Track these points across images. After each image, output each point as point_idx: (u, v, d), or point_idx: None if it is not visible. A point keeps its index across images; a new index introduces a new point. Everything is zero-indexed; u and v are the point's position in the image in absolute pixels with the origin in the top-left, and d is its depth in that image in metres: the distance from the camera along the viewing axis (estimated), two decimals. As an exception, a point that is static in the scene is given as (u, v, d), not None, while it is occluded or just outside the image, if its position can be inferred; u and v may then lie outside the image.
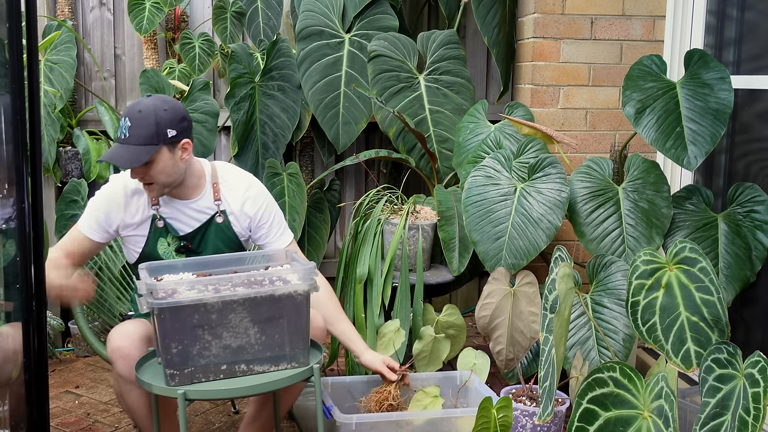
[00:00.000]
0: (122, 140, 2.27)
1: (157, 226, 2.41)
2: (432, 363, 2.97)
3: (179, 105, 2.35)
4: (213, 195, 2.44)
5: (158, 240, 2.41)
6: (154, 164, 2.29)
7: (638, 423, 1.99)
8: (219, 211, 2.43)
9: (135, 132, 2.26)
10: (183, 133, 2.32)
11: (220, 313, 2.07)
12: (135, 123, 2.26)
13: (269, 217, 2.50)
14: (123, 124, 2.27)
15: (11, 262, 1.91)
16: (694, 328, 2.24)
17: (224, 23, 3.89)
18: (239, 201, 2.46)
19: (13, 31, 1.81)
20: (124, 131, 2.27)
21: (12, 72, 1.82)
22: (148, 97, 2.32)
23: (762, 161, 3.00)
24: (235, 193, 2.47)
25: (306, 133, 3.91)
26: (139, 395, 2.28)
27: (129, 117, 2.27)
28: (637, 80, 2.95)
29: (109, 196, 2.42)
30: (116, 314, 2.82)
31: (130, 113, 2.27)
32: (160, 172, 2.30)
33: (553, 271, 2.29)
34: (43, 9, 3.85)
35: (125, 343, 2.25)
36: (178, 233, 2.42)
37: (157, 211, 2.41)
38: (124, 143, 2.27)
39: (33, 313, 1.93)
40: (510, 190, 3.03)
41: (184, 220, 2.43)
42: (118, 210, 2.41)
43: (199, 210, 2.43)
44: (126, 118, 2.27)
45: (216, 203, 2.44)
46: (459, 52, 3.70)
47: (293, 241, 2.57)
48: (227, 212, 2.45)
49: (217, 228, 2.43)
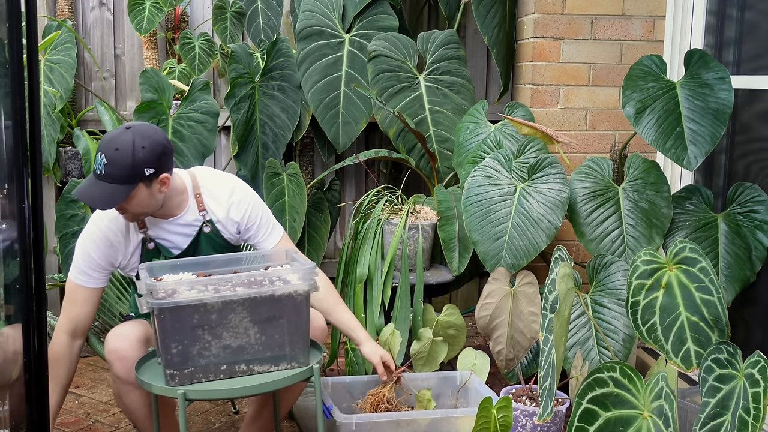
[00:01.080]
0: (97, 175, 2.19)
1: (148, 248, 2.37)
2: (429, 363, 2.97)
3: (158, 137, 2.24)
4: (197, 206, 2.39)
5: (152, 261, 2.36)
6: (129, 199, 2.21)
7: (638, 423, 1.99)
8: (205, 221, 2.39)
9: (110, 171, 2.16)
10: (161, 169, 2.22)
11: (220, 313, 2.07)
12: (111, 161, 2.16)
13: (256, 219, 2.45)
14: (99, 159, 2.18)
15: (11, 262, 1.91)
16: (694, 328, 2.24)
17: (224, 23, 3.89)
18: (224, 209, 2.41)
19: (13, 31, 1.81)
20: (99, 167, 2.18)
21: (12, 72, 1.82)
22: (126, 129, 2.20)
23: (762, 161, 3.00)
24: (218, 202, 2.41)
25: (306, 133, 3.91)
26: (137, 396, 2.28)
27: (105, 154, 2.17)
28: (637, 80, 2.95)
29: (103, 237, 2.34)
30: (116, 314, 2.82)
31: (106, 150, 2.17)
32: (136, 205, 2.24)
33: (553, 271, 2.29)
34: (43, 9, 3.85)
35: (123, 344, 2.24)
36: (172, 253, 2.38)
37: (146, 233, 2.36)
38: (99, 179, 2.19)
39: (33, 313, 1.93)
40: (510, 190, 3.03)
41: (172, 238, 2.39)
42: (118, 247, 2.35)
43: (185, 224, 2.38)
44: (102, 154, 2.17)
45: (201, 214, 2.39)
46: (459, 52, 3.71)
47: (285, 236, 2.52)
48: (213, 221, 2.40)
49: (206, 238, 2.40)
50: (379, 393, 2.56)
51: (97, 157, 2.19)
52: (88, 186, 2.21)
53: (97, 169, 2.19)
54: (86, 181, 2.23)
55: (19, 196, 1.87)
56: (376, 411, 2.54)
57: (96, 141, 3.84)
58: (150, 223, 2.37)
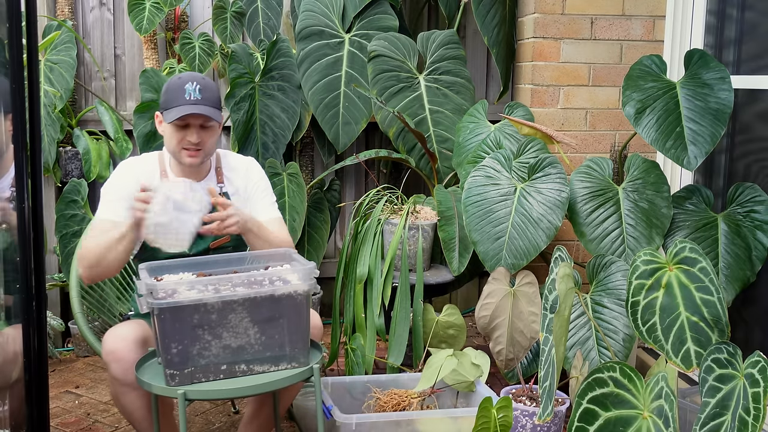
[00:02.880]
0: (195, 101, 2.30)
1: None
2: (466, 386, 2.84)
3: None
4: (216, 178, 2.50)
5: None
6: (213, 131, 2.37)
7: (638, 423, 1.99)
8: (222, 194, 2.45)
9: (206, 95, 2.32)
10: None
11: (220, 313, 2.07)
12: (204, 87, 2.32)
13: (265, 186, 2.55)
14: (191, 87, 2.30)
15: (11, 262, 1.91)
16: (694, 328, 2.24)
17: (224, 23, 3.89)
18: (242, 179, 2.52)
19: (13, 31, 1.81)
20: (195, 93, 2.30)
21: (12, 72, 1.82)
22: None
23: (762, 161, 3.00)
24: (237, 172, 2.53)
25: (306, 133, 3.92)
26: (135, 397, 2.27)
27: (196, 81, 2.31)
28: (637, 80, 2.95)
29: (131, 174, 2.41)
30: (116, 314, 2.82)
31: (195, 78, 2.32)
32: (213, 141, 2.39)
33: (553, 271, 2.29)
34: (43, 9, 3.85)
35: (119, 345, 2.24)
36: None
37: None
38: (198, 103, 2.30)
39: (33, 313, 1.93)
40: (510, 190, 3.03)
41: None
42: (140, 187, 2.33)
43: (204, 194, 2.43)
44: (193, 83, 2.31)
45: (219, 186, 2.48)
46: (459, 52, 3.71)
47: (281, 220, 2.56)
48: (229, 194, 2.48)
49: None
50: (405, 399, 2.56)
51: (188, 87, 2.30)
52: (189, 107, 2.29)
53: (191, 96, 2.30)
54: (180, 107, 2.30)
55: (19, 196, 1.88)
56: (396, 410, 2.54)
57: (96, 141, 3.84)
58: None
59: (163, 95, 2.40)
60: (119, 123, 3.85)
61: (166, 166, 2.48)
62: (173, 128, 2.36)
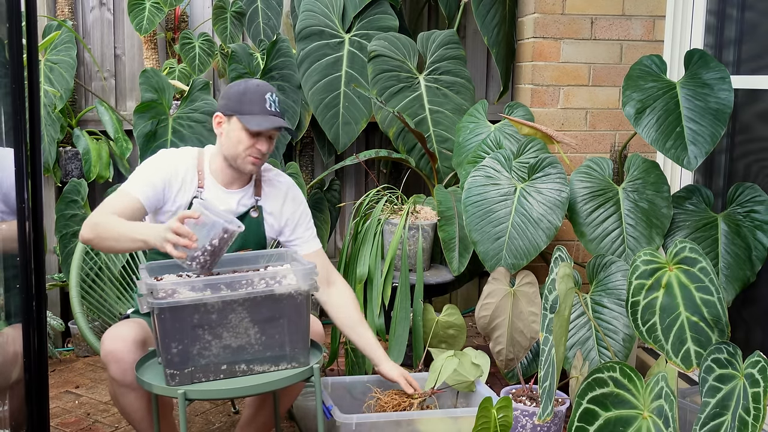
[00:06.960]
0: (276, 113, 2.37)
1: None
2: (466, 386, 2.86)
3: None
4: (254, 190, 2.47)
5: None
6: (274, 142, 2.41)
7: (638, 423, 1.99)
8: (255, 206, 2.45)
9: (280, 107, 2.45)
10: None
11: (220, 313, 2.07)
12: (279, 99, 2.41)
13: (307, 214, 2.56)
14: (271, 98, 2.36)
15: (11, 262, 1.91)
16: (694, 328, 2.24)
17: (224, 23, 3.90)
18: (280, 200, 2.50)
19: (13, 31, 1.81)
20: (275, 105, 2.37)
21: (12, 72, 1.82)
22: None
23: (762, 161, 3.00)
24: (277, 192, 2.50)
25: (306, 133, 3.92)
26: (134, 398, 2.27)
27: (273, 92, 2.38)
28: (637, 80, 2.95)
29: (170, 163, 2.38)
30: (116, 314, 2.82)
31: (270, 88, 2.37)
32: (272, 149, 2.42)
33: (553, 271, 2.29)
34: (43, 9, 3.85)
35: (118, 346, 2.22)
36: None
37: (200, 194, 2.38)
38: (278, 115, 2.37)
39: (33, 313, 1.93)
40: (510, 190, 3.03)
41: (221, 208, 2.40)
42: (176, 179, 2.36)
43: (238, 202, 2.43)
44: (272, 94, 2.37)
45: (255, 198, 2.46)
46: (459, 52, 3.71)
47: (321, 251, 2.58)
48: (263, 209, 2.47)
49: (248, 222, 2.42)
50: (406, 400, 2.56)
51: (268, 98, 2.35)
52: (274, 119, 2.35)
53: (273, 107, 2.37)
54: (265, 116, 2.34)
55: (19, 196, 1.88)
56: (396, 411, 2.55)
57: (96, 141, 3.84)
58: (211, 185, 2.41)
59: (235, 99, 2.35)
60: (119, 123, 3.85)
61: (204, 167, 2.42)
62: (246, 134, 2.33)
